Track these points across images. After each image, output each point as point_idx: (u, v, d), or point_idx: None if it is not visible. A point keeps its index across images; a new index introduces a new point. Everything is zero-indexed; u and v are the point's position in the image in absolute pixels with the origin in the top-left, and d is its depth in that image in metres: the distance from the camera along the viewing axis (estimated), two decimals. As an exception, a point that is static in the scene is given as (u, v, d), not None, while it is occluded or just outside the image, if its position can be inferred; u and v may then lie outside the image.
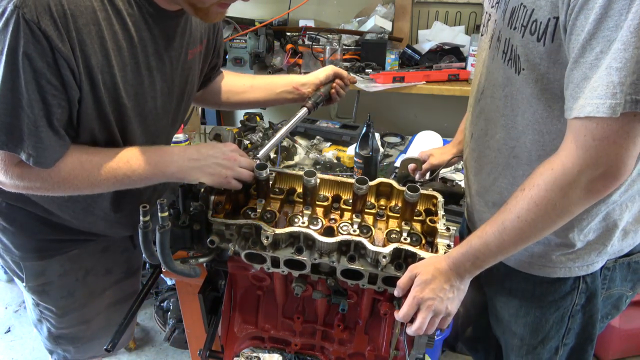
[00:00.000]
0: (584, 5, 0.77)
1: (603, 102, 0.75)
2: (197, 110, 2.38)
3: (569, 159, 0.82)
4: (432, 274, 0.96)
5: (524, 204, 0.87)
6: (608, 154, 0.78)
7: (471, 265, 0.96)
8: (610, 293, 1.11)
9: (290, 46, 2.60)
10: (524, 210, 0.87)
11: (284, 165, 2.01)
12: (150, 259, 1.00)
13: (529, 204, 0.87)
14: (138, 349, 2.47)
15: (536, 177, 0.87)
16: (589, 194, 0.83)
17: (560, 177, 0.83)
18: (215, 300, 1.31)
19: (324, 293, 1.13)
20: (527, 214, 0.87)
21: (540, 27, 0.87)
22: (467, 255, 0.95)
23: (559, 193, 0.83)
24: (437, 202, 1.15)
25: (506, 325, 1.19)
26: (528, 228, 0.88)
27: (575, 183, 0.82)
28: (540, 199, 0.85)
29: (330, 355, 1.23)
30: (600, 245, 1.03)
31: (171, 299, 2.42)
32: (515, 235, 0.90)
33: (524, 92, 0.95)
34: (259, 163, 1.10)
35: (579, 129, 0.80)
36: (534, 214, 0.87)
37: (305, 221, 1.07)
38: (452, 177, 1.89)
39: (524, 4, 0.91)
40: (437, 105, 3.02)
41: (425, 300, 0.96)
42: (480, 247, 0.94)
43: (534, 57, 0.90)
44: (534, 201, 0.86)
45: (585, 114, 0.77)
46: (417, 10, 2.85)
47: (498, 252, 0.94)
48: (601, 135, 0.77)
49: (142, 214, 0.91)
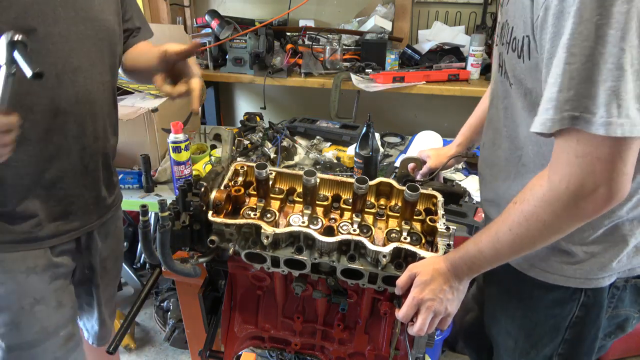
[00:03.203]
0: (542, 24, 0.78)
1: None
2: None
3: (556, 175, 0.80)
4: (431, 274, 0.96)
5: (515, 217, 0.87)
6: (593, 171, 0.76)
7: (468, 269, 0.96)
8: (617, 313, 1.08)
9: (290, 46, 2.60)
10: (515, 224, 0.87)
11: (284, 165, 2.01)
12: (150, 259, 1.00)
13: (519, 217, 0.86)
14: (138, 349, 2.47)
15: (527, 191, 0.87)
16: (579, 212, 0.81)
17: (547, 192, 0.81)
18: (215, 300, 1.31)
19: (324, 293, 1.13)
20: (519, 227, 0.86)
21: (518, 45, 0.88)
22: (464, 259, 0.96)
23: (547, 209, 0.82)
24: (437, 202, 1.15)
25: (502, 325, 1.18)
26: (520, 241, 0.88)
27: (562, 200, 0.80)
28: (529, 214, 0.84)
29: (331, 355, 1.23)
30: (605, 260, 1.00)
31: (171, 299, 2.42)
32: (508, 247, 0.90)
33: (517, 105, 0.96)
34: (259, 163, 1.10)
35: (560, 145, 0.79)
36: (525, 229, 0.86)
37: (305, 221, 1.07)
38: (452, 177, 1.89)
39: (508, 21, 0.93)
40: (437, 105, 3.02)
41: (425, 301, 0.96)
42: (476, 254, 0.94)
43: (518, 73, 0.92)
44: (524, 215, 0.85)
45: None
46: (417, 10, 2.85)
47: (493, 260, 0.94)
48: (583, 151, 0.75)
49: (142, 213, 0.91)
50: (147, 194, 1.86)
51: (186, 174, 1.78)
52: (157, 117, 1.90)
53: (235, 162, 1.22)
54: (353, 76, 2.51)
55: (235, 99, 3.46)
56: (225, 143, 1.85)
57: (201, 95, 1.15)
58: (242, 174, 1.20)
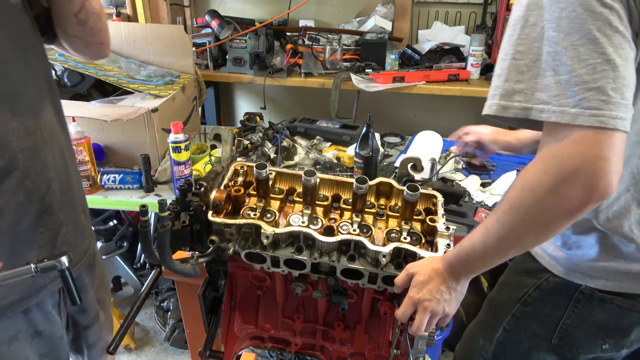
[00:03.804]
0: None
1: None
2: (197, 111, 2.38)
3: (538, 158, 0.78)
4: (428, 274, 0.96)
5: (502, 205, 0.84)
6: (569, 154, 0.73)
7: (463, 268, 0.94)
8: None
9: (290, 46, 2.60)
10: (500, 212, 0.83)
11: (284, 165, 2.01)
12: (149, 259, 1.00)
13: (505, 205, 0.83)
14: (138, 349, 2.47)
15: (517, 179, 0.83)
16: (561, 200, 0.75)
17: (530, 177, 0.78)
18: (215, 300, 1.31)
19: (324, 292, 1.13)
20: (504, 216, 0.83)
21: None
22: (459, 257, 0.94)
23: (528, 194, 0.78)
24: (436, 202, 1.15)
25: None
26: (506, 233, 0.83)
27: (543, 184, 0.76)
28: (514, 199, 0.81)
29: (331, 355, 1.23)
30: (581, 258, 1.00)
31: (171, 299, 2.42)
32: (496, 241, 0.86)
33: None
34: (259, 163, 1.10)
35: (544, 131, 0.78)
36: (509, 218, 0.82)
37: (305, 221, 1.07)
38: (452, 177, 1.89)
39: None
40: (437, 105, 3.02)
41: (422, 301, 0.96)
42: (468, 251, 0.91)
43: None
44: (509, 202, 0.82)
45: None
46: (417, 10, 2.85)
47: (485, 258, 0.90)
48: (562, 134, 0.74)
49: (142, 213, 0.91)
50: (147, 194, 1.86)
51: (186, 174, 1.78)
52: (157, 117, 1.90)
53: (235, 162, 1.22)
54: (353, 76, 2.51)
55: (235, 99, 3.46)
56: (225, 143, 1.85)
57: None
58: (242, 174, 1.20)
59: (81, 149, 1.75)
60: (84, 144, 1.76)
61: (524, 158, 2.10)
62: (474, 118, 3.07)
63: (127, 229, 2.49)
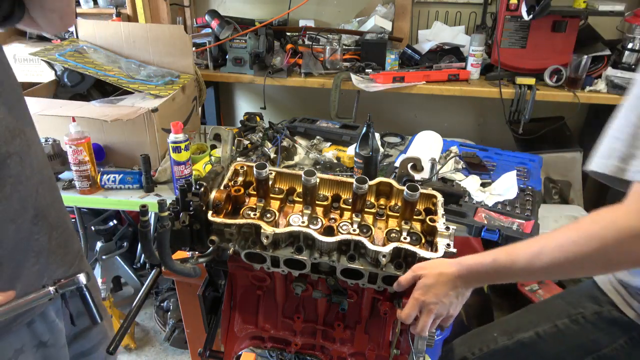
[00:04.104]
0: None
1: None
2: (197, 110, 2.38)
3: (621, 211, 0.81)
4: (435, 278, 0.95)
5: (572, 235, 0.85)
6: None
7: (485, 278, 0.95)
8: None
9: (290, 46, 2.60)
10: (569, 242, 0.85)
11: (284, 165, 2.01)
12: (149, 259, 1.00)
13: (574, 234, 0.85)
14: (138, 349, 2.47)
15: (596, 215, 0.85)
16: (625, 252, 0.80)
17: (610, 225, 0.81)
18: (215, 300, 1.31)
19: (324, 292, 1.13)
20: (572, 246, 0.85)
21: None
22: (487, 267, 0.93)
23: (597, 242, 0.81)
24: (436, 202, 1.15)
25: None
26: (565, 261, 0.85)
27: (610, 234, 0.80)
28: (586, 234, 0.83)
29: (331, 355, 1.23)
30: None
31: (171, 299, 2.43)
32: (547, 264, 0.87)
33: None
34: (259, 163, 1.10)
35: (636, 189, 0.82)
36: (575, 249, 0.84)
37: (305, 221, 1.07)
38: (452, 177, 1.89)
39: None
40: (437, 105, 3.02)
41: (427, 304, 0.96)
42: (507, 264, 0.91)
43: None
44: (582, 235, 0.84)
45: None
46: (417, 10, 2.85)
47: (521, 275, 0.92)
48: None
49: (141, 213, 0.91)
50: (147, 194, 1.86)
51: (186, 174, 1.78)
52: (157, 117, 1.90)
53: (235, 162, 1.22)
54: (353, 76, 2.51)
55: (235, 99, 3.46)
56: (225, 143, 1.85)
57: None
58: (242, 174, 1.20)
59: (81, 149, 1.75)
60: (84, 144, 1.76)
61: (524, 158, 2.10)
62: (473, 118, 3.07)
63: (127, 229, 2.50)
